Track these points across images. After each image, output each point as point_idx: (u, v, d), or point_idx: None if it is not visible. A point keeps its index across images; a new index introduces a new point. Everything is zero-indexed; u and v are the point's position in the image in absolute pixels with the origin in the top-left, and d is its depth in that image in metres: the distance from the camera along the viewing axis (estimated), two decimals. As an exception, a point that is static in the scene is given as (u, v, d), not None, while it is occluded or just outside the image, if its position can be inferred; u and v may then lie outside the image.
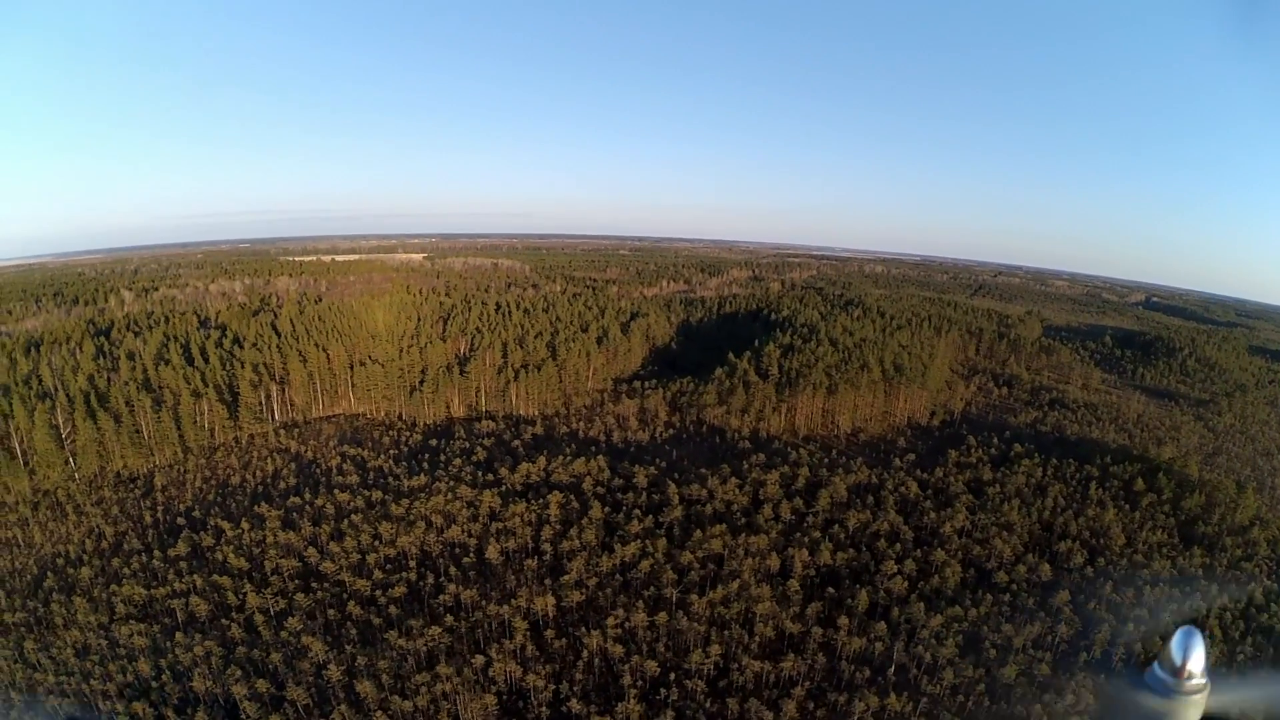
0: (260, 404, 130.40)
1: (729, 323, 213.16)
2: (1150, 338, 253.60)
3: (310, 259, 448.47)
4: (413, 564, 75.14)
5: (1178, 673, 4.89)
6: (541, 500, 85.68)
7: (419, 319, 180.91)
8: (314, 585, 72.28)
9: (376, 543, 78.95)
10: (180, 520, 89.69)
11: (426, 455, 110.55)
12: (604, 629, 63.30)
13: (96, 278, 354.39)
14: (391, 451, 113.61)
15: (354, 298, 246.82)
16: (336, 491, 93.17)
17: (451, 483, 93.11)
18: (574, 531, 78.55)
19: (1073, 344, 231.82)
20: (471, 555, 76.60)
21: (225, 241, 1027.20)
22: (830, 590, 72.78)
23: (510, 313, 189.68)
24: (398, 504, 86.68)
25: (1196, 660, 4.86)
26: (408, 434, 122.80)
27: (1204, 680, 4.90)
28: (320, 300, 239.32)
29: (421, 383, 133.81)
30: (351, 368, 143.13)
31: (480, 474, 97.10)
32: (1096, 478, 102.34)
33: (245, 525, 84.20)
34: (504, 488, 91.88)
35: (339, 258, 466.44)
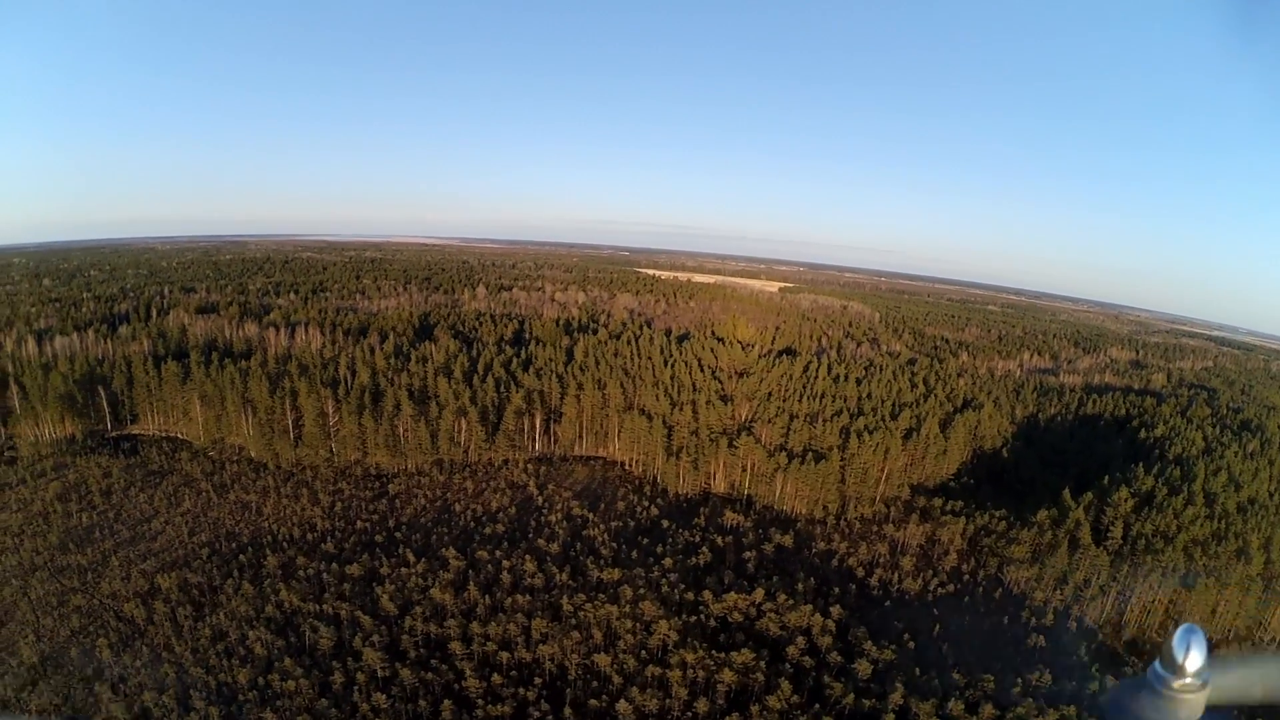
0: (521, 431, 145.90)
1: (1086, 429, 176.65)
2: None
3: (668, 275, 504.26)
4: (538, 682, 72.85)
5: (1178, 671, 5.28)
6: (725, 654, 75.92)
7: (714, 370, 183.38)
8: (434, 661, 75.34)
9: (521, 638, 79.08)
10: (380, 536, 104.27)
11: (648, 539, 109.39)
12: None
13: (477, 266, 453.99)
14: (615, 523, 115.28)
15: (678, 326, 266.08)
16: (527, 558, 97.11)
17: (642, 590, 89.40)
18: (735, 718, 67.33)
19: None
20: (605, 698, 71.02)
21: (608, 246, 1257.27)
22: None
23: (815, 379, 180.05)
24: (571, 599, 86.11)
25: (1196, 658, 5.25)
26: (647, 504, 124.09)
27: (1205, 678, 5.31)
28: (649, 325, 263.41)
29: (682, 448, 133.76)
30: (629, 409, 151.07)
31: (681, 590, 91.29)
32: None
33: (421, 566, 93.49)
34: (698, 617, 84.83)
35: (696, 277, 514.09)
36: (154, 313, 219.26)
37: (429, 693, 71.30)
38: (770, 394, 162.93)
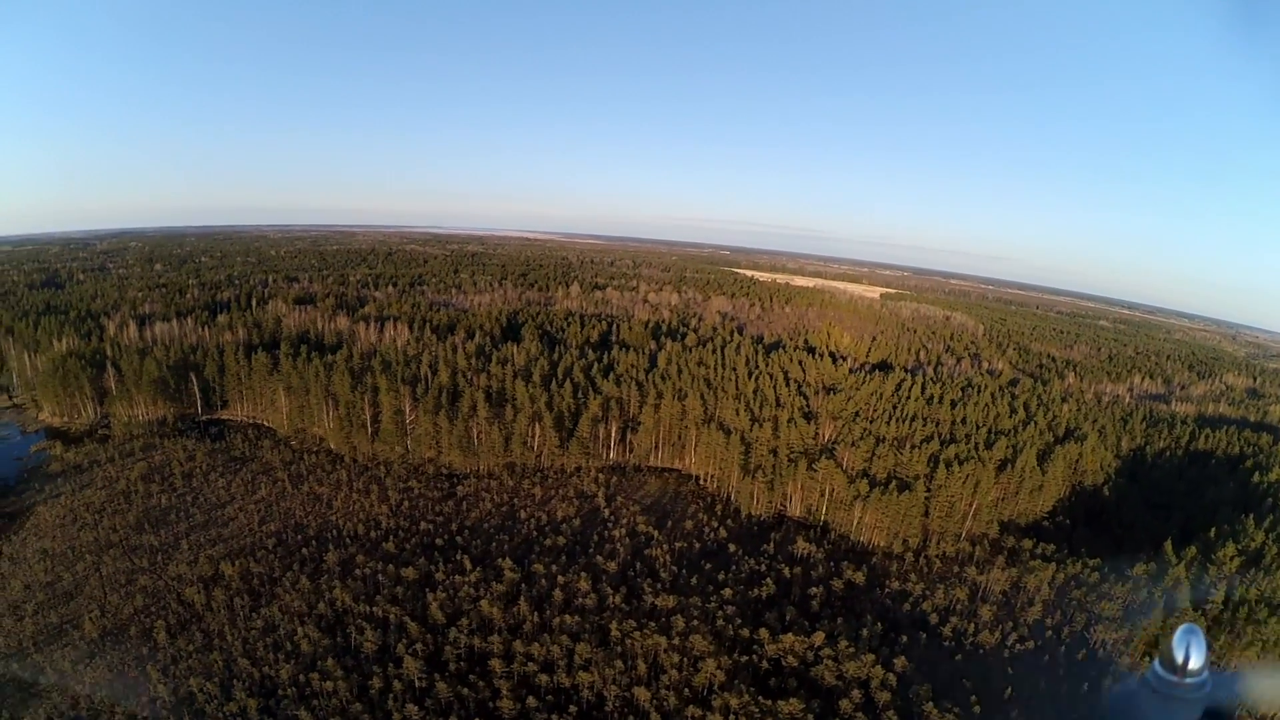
0: (596, 439, 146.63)
1: (1196, 468, 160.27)
2: None
3: (766, 277, 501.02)
4: (573, 710, 72.33)
5: (1178, 670, 5.63)
6: (773, 701, 73.01)
7: (800, 384, 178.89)
8: (472, 676, 76.06)
9: (564, 661, 78.81)
10: (440, 540, 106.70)
11: (711, 564, 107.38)
12: None
13: (575, 263, 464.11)
14: (680, 544, 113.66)
15: (770, 333, 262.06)
16: (583, 576, 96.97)
17: (696, 621, 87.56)
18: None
19: None
20: (638, 739, 69.77)
21: (708, 245, 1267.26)
22: None
23: (907, 399, 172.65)
24: (621, 625, 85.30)
25: (1197, 658, 5.60)
26: (717, 525, 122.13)
27: (1205, 678, 5.63)
28: (740, 331, 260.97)
29: (759, 467, 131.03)
30: (708, 422, 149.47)
31: (737, 625, 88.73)
32: None
33: (475, 575, 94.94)
34: (750, 657, 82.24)
35: (796, 280, 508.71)
36: (254, 302, 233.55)
37: (463, 708, 71.97)
38: (857, 413, 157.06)
